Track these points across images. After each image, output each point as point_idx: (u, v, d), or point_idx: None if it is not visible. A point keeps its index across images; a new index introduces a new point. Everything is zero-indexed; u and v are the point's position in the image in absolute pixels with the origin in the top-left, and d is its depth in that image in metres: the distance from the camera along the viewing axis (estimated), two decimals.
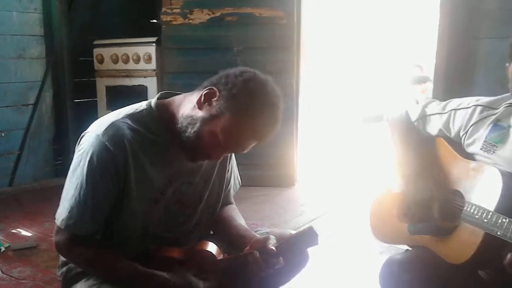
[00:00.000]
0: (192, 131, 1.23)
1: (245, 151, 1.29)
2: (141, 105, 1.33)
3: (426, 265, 1.38)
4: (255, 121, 1.22)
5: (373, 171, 1.70)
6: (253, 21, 3.47)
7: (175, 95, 1.36)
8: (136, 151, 1.25)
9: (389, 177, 1.65)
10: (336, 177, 4.08)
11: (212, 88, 1.23)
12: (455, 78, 2.57)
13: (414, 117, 1.56)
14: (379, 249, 2.37)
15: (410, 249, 1.55)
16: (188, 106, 1.27)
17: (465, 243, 1.29)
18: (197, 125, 1.23)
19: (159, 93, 1.37)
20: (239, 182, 1.62)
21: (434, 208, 1.38)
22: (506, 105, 1.38)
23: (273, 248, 1.27)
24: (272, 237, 1.32)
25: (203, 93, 1.23)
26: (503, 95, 1.41)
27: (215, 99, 1.22)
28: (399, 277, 1.37)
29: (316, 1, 3.74)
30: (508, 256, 1.14)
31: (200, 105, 1.23)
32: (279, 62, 3.47)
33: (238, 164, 1.61)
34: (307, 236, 1.31)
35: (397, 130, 1.58)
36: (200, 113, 1.23)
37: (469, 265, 1.29)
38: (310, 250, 1.41)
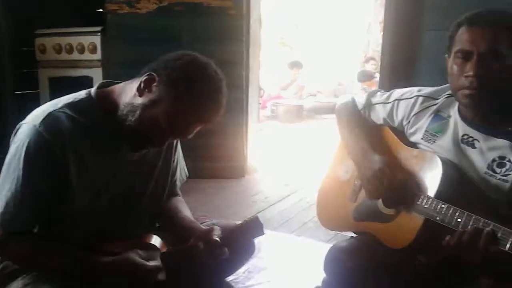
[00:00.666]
0: (132, 119, 1.20)
1: (190, 136, 1.27)
2: (80, 94, 1.28)
3: (369, 251, 1.41)
4: (197, 105, 1.20)
5: (323, 160, 1.72)
6: (202, 11, 3.41)
7: (116, 84, 1.32)
8: (75, 141, 1.20)
9: (336, 165, 1.67)
10: (288, 167, 4.12)
11: (151, 74, 1.20)
12: (400, 69, 2.63)
13: (360, 105, 1.58)
14: (327, 237, 2.41)
15: (355, 236, 1.57)
16: (128, 94, 1.23)
17: (406, 228, 1.32)
18: (138, 112, 1.19)
19: (99, 83, 1.33)
20: (185, 174, 1.60)
21: (381, 186, 1.39)
22: (446, 95, 1.42)
23: (217, 239, 1.26)
24: (216, 228, 1.31)
25: (142, 80, 1.20)
26: (443, 86, 1.44)
27: (154, 84, 1.19)
28: (344, 264, 1.39)
29: None
30: (446, 238, 1.18)
31: (140, 91, 1.20)
32: (229, 53, 3.43)
33: (186, 156, 1.58)
34: (252, 226, 1.31)
35: (344, 117, 1.60)
36: (140, 100, 1.20)
37: (410, 250, 1.32)
38: (258, 240, 1.41)
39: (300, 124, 6.66)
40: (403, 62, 2.62)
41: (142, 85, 1.20)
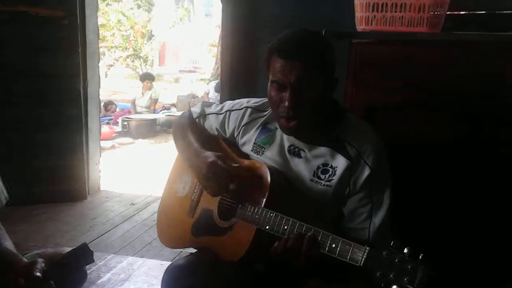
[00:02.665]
0: None
1: None
2: None
3: (208, 266, 1.38)
4: None
5: (164, 178, 1.67)
6: (30, 20, 3.11)
7: None
8: None
9: (174, 181, 1.63)
10: (135, 185, 3.96)
11: None
12: (239, 81, 2.69)
13: (195, 114, 1.59)
14: (172, 255, 2.34)
15: (194, 252, 1.54)
16: None
17: (240, 239, 1.32)
18: None
19: None
20: (5, 197, 1.42)
21: (217, 179, 1.36)
22: None
23: (39, 274, 1.15)
24: (39, 260, 1.20)
25: None
26: None
27: None
28: (182, 282, 1.34)
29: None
30: (275, 245, 1.20)
31: None
32: (63, 66, 3.18)
33: (17, 181, 1.39)
34: (81, 254, 1.25)
35: (180, 127, 1.59)
36: None
37: (246, 261, 1.33)
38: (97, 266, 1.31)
39: (153, 139, 6.49)
40: (242, 73, 2.68)
41: None
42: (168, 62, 15.13)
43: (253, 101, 1.50)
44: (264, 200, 1.29)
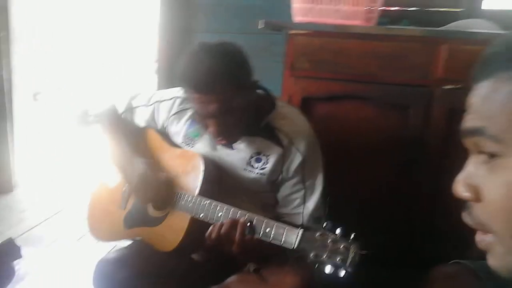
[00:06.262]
0: None
1: None
2: None
3: (142, 258, 1.35)
4: None
5: (93, 170, 1.60)
6: None
7: None
8: None
9: (104, 173, 1.57)
10: (61, 178, 3.78)
11: None
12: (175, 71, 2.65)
13: (121, 109, 1.52)
14: (107, 248, 2.26)
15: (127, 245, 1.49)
16: None
17: (174, 229, 1.30)
18: None
19: None
20: None
21: (148, 189, 1.35)
22: None
23: None
24: None
25: None
26: None
27: None
28: (114, 276, 1.30)
29: None
30: (208, 231, 1.20)
31: None
32: None
33: None
34: (7, 250, 1.22)
35: (106, 124, 1.52)
36: None
37: (181, 251, 1.31)
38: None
39: (87, 129, 6.20)
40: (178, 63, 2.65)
41: None
42: None
43: (183, 91, 1.46)
44: (198, 188, 1.28)
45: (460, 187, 0.50)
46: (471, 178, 0.50)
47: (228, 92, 1.18)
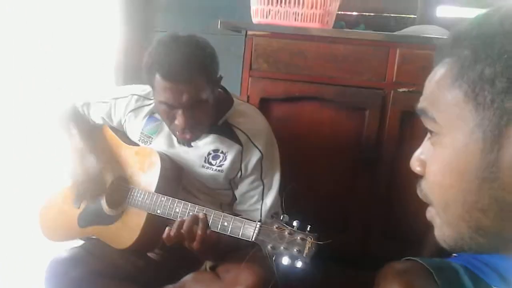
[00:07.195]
0: None
1: None
2: None
3: (96, 257, 1.32)
4: None
5: (48, 169, 1.56)
6: None
7: None
8: None
9: (59, 172, 1.53)
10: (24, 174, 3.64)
11: None
12: (135, 69, 2.61)
13: (79, 104, 1.48)
14: (58, 249, 2.19)
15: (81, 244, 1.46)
16: None
17: (130, 226, 1.29)
18: None
19: None
20: None
21: (96, 187, 1.35)
22: None
23: None
24: None
25: None
26: None
27: None
28: (66, 276, 1.27)
29: None
30: (167, 230, 1.18)
31: None
32: None
33: None
34: None
35: (63, 118, 1.47)
36: None
37: (137, 248, 1.29)
38: None
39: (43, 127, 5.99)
40: (138, 62, 2.61)
41: None
42: None
43: (141, 89, 1.42)
44: (155, 185, 1.26)
45: (415, 162, 0.55)
46: (423, 154, 0.54)
47: (199, 83, 1.18)
